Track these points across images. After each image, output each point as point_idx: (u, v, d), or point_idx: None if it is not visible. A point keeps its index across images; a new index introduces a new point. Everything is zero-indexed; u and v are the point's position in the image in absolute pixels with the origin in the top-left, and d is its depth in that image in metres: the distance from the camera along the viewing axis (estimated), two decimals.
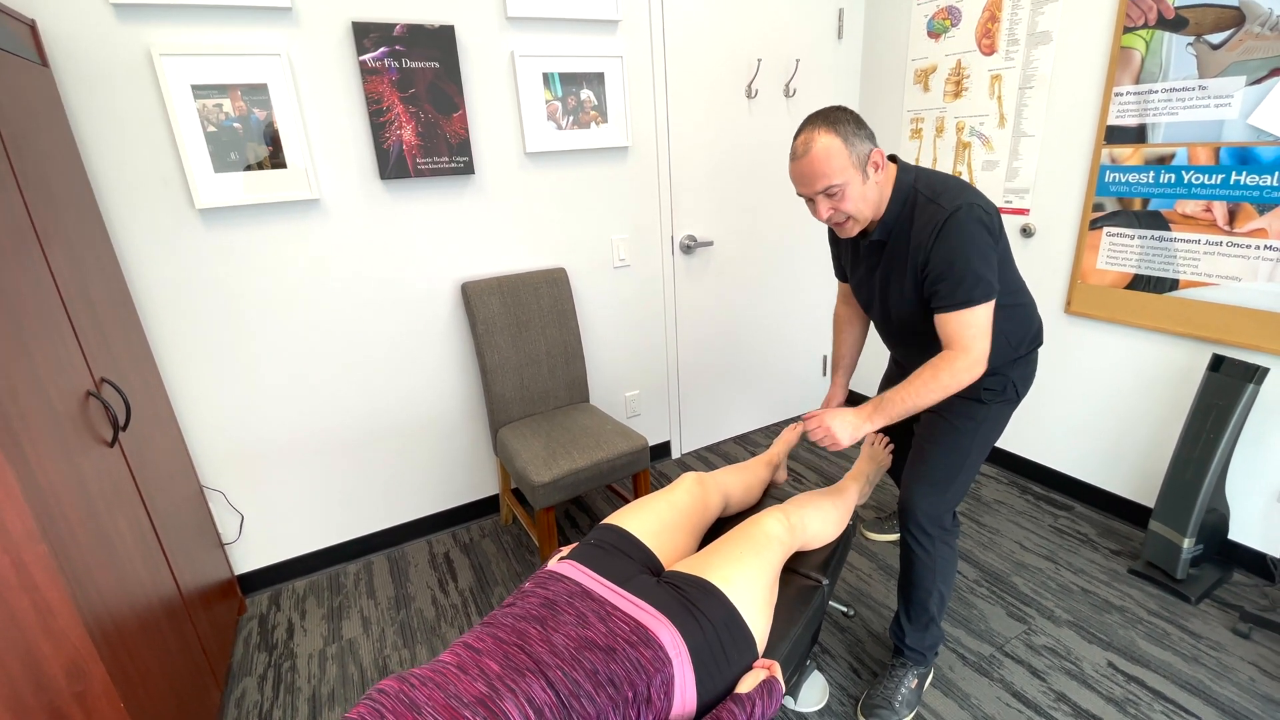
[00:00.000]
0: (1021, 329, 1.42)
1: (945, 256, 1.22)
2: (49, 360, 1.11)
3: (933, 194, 1.25)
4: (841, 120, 1.22)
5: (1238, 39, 1.64)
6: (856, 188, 1.25)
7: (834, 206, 1.27)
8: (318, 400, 2.00)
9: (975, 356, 1.23)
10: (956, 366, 1.23)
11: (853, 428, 1.29)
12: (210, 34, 1.61)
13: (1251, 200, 1.68)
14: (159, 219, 1.67)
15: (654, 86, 2.26)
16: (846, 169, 1.22)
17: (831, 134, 1.21)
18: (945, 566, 1.46)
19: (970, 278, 1.21)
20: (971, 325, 1.23)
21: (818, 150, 1.21)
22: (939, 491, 1.43)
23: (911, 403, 1.25)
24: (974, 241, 1.21)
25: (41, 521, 0.97)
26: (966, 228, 1.21)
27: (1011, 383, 1.43)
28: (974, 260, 1.21)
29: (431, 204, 1.99)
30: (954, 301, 1.23)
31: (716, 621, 1.04)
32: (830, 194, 1.25)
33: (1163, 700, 1.49)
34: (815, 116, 1.25)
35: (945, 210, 1.22)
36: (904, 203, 1.29)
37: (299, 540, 2.10)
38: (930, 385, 1.24)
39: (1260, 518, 1.83)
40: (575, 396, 2.28)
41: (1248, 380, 1.66)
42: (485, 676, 0.86)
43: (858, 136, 1.22)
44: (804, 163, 1.24)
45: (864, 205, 1.28)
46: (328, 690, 1.66)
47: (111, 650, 1.09)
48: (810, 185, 1.26)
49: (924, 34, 2.41)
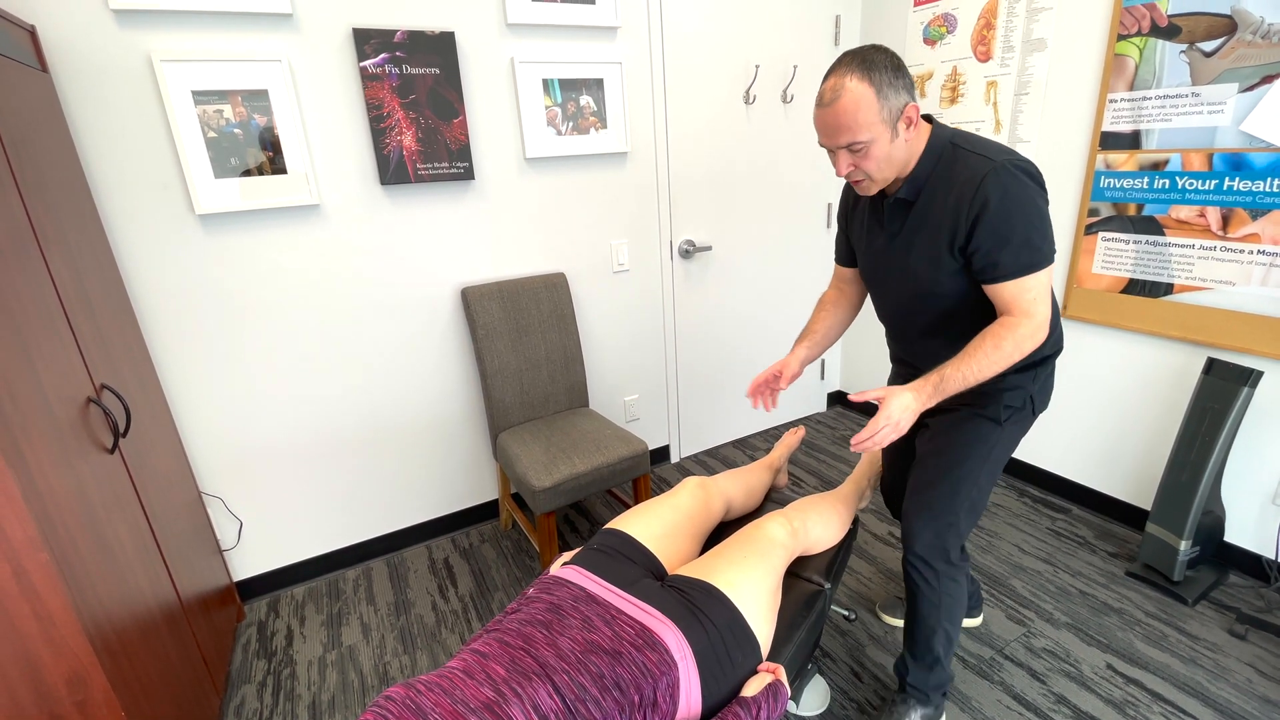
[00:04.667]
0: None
1: (1001, 215, 1.08)
2: (50, 366, 1.11)
3: (975, 146, 1.13)
4: (878, 65, 1.07)
5: (1230, 46, 1.66)
6: (883, 146, 1.11)
7: (855, 163, 1.14)
8: (317, 406, 1.99)
9: (1039, 321, 1.11)
10: (1020, 333, 1.10)
11: (913, 410, 1.11)
12: (211, 40, 1.61)
13: (1244, 206, 1.70)
14: (159, 224, 1.67)
15: (653, 92, 2.27)
16: (875, 124, 1.08)
17: (865, 81, 1.06)
18: (951, 603, 1.34)
19: (1035, 238, 1.08)
20: (1033, 289, 1.11)
21: (846, 100, 1.07)
22: (945, 522, 1.29)
23: (974, 377, 1.11)
24: (1032, 196, 1.09)
25: (43, 529, 0.97)
26: (1022, 179, 1.08)
27: (1030, 396, 1.29)
28: (1034, 218, 1.08)
29: (432, 209, 1.99)
30: (1017, 267, 1.10)
31: (720, 625, 1.04)
32: (854, 149, 1.12)
33: (1161, 702, 1.50)
34: (850, 57, 1.10)
35: (994, 162, 1.09)
36: (938, 157, 1.16)
37: (298, 546, 2.09)
38: (993, 356, 1.11)
39: (1256, 520, 1.84)
40: (575, 401, 2.28)
41: (1242, 383, 1.68)
42: (491, 682, 0.86)
43: (894, 87, 1.08)
44: (829, 112, 1.10)
45: (888, 166, 1.15)
46: (327, 697, 1.66)
47: (112, 658, 1.09)
48: (833, 137, 1.12)
49: (920, 41, 2.43)
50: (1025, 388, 1.28)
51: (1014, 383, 1.27)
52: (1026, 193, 1.08)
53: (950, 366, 1.12)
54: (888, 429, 1.10)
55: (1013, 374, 1.25)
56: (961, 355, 1.12)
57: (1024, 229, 1.08)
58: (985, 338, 1.12)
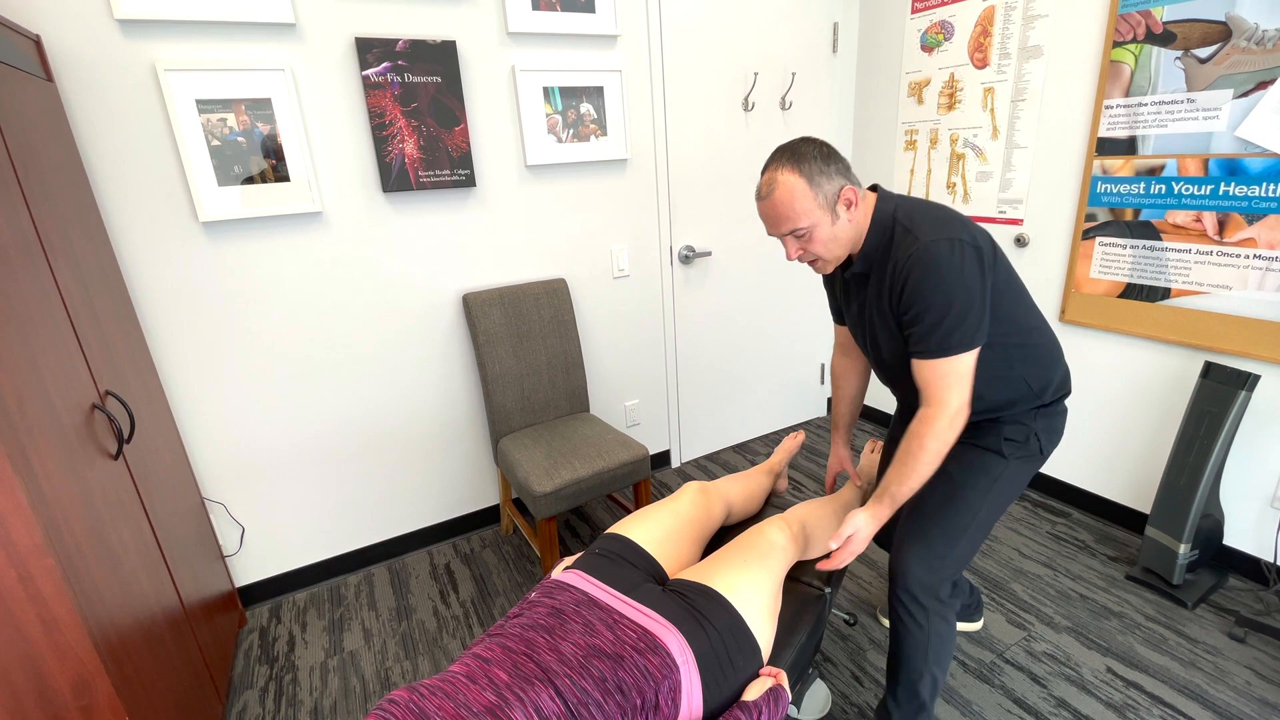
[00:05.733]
0: (1043, 372, 1.26)
1: (917, 295, 1.10)
2: (55, 373, 1.12)
3: (910, 224, 1.14)
4: (807, 157, 1.13)
5: (1225, 53, 1.68)
6: (825, 229, 1.16)
7: (802, 247, 1.19)
8: (319, 412, 2.00)
9: (953, 410, 1.12)
10: (938, 427, 1.13)
11: (871, 530, 1.20)
12: (215, 49, 1.63)
13: (1240, 210, 1.71)
14: (162, 232, 1.68)
15: (652, 100, 2.29)
16: (812, 211, 1.14)
17: (795, 173, 1.12)
18: (940, 644, 1.28)
19: (947, 323, 1.09)
20: (947, 374, 1.12)
21: (780, 192, 1.14)
22: (937, 556, 1.25)
23: (915, 481, 1.16)
24: (953, 279, 1.08)
25: (48, 534, 0.98)
26: (943, 262, 1.08)
27: (1035, 434, 1.27)
28: (953, 302, 1.08)
29: (433, 216, 2.01)
30: (927, 348, 1.12)
31: (721, 628, 1.05)
32: (798, 235, 1.17)
33: (1161, 705, 1.50)
34: (780, 153, 1.16)
35: (919, 242, 1.10)
36: (881, 234, 1.19)
37: (299, 552, 2.10)
38: (923, 459, 1.14)
39: (1254, 523, 1.85)
40: (576, 406, 2.28)
41: (1239, 387, 1.69)
42: (494, 686, 0.87)
43: (825, 174, 1.13)
44: (767, 205, 1.17)
45: (834, 246, 1.19)
46: (329, 703, 1.66)
47: (116, 663, 1.09)
48: (777, 227, 1.18)
49: (918, 48, 2.45)
50: (1027, 424, 1.27)
51: (1014, 417, 1.27)
52: (947, 270, 1.08)
53: (895, 483, 1.18)
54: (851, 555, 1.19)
55: (1014, 409, 1.26)
56: (900, 466, 1.17)
57: (937, 313, 1.09)
58: (911, 440, 1.15)
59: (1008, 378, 1.24)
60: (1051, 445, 1.30)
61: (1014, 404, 1.26)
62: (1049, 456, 1.31)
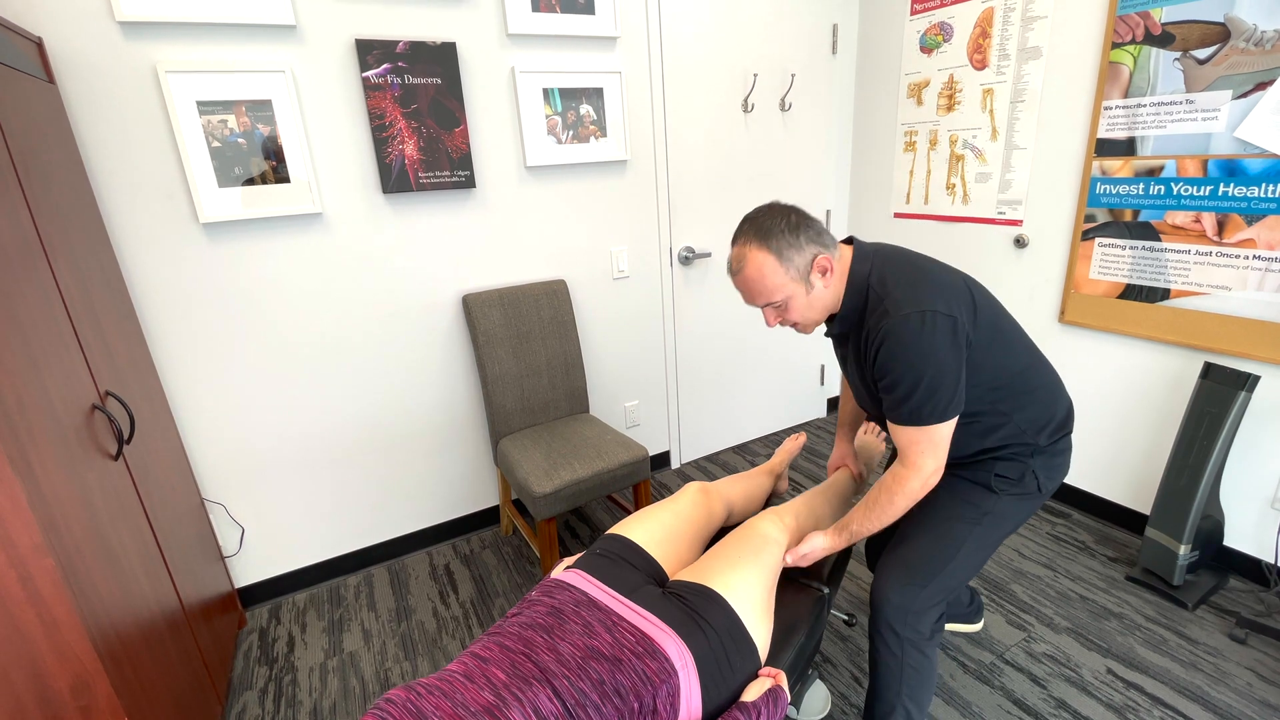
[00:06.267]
0: (1038, 414, 1.22)
1: (887, 368, 1.10)
2: (55, 373, 1.12)
3: (883, 292, 1.12)
4: (773, 232, 1.11)
5: (1223, 54, 1.68)
6: (800, 300, 1.15)
7: (780, 316, 1.20)
8: (319, 413, 2.00)
9: (926, 474, 1.13)
10: (908, 488, 1.14)
11: (825, 551, 1.26)
12: (216, 51, 1.63)
13: (1239, 211, 1.71)
14: (163, 233, 1.68)
15: (652, 101, 2.29)
16: (785, 285, 1.13)
17: (763, 250, 1.11)
18: (915, 678, 1.24)
19: (917, 397, 1.08)
20: (920, 442, 1.11)
21: (749, 271, 1.13)
22: (917, 586, 1.21)
23: (876, 526, 1.20)
24: (923, 355, 1.06)
25: (48, 535, 0.98)
26: (912, 337, 1.06)
27: (1032, 472, 1.23)
28: (926, 373, 1.06)
29: (433, 217, 2.01)
30: (899, 416, 1.12)
31: (720, 629, 1.05)
32: (775, 307, 1.18)
33: (1162, 706, 1.50)
34: (746, 227, 1.15)
35: (891, 319, 1.08)
36: (858, 296, 1.17)
37: (299, 553, 2.10)
38: (889, 511, 1.17)
39: (1255, 524, 1.85)
40: (575, 407, 2.29)
41: (1239, 388, 1.69)
42: (492, 685, 0.87)
43: (794, 247, 1.11)
44: (739, 280, 1.17)
45: (811, 313, 1.19)
46: (329, 704, 1.66)
47: (116, 664, 1.09)
48: (751, 300, 1.18)
49: (917, 49, 2.46)
50: (1023, 461, 1.23)
51: (1010, 454, 1.24)
52: (913, 350, 1.06)
53: (856, 522, 1.22)
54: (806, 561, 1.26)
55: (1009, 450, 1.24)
56: (866, 509, 1.20)
57: (907, 387, 1.08)
58: (882, 492, 1.18)
59: (1001, 425, 1.21)
60: (1052, 483, 1.26)
61: (1008, 447, 1.24)
62: (1050, 494, 1.27)
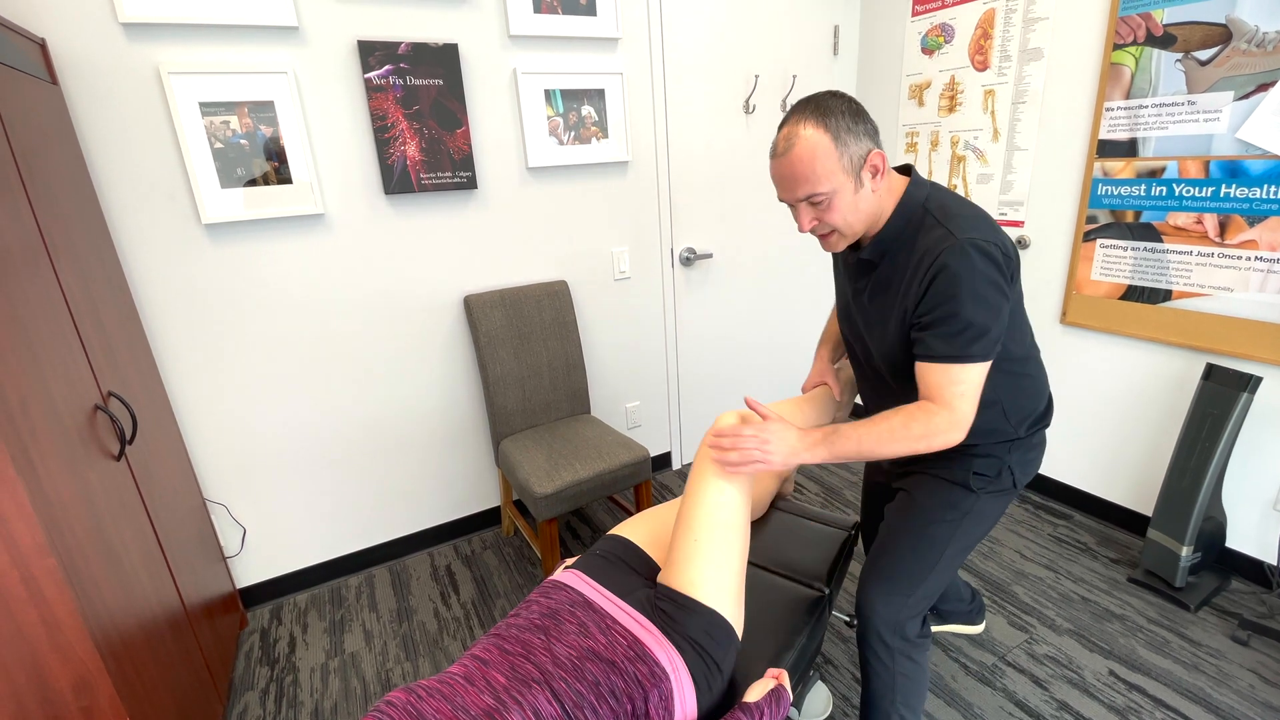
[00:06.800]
0: (1025, 404, 1.19)
1: (946, 295, 1.00)
2: (58, 374, 1.12)
3: (944, 215, 1.04)
4: (834, 110, 1.01)
5: (1225, 55, 1.68)
6: (847, 197, 1.04)
7: (818, 217, 1.06)
8: (320, 413, 2.00)
9: (958, 417, 1.02)
10: (935, 423, 1.02)
11: (789, 452, 1.06)
12: (218, 53, 1.63)
13: (1241, 212, 1.71)
14: (165, 234, 1.68)
15: (653, 102, 2.29)
16: (835, 174, 1.01)
17: (820, 129, 1.00)
18: (908, 685, 1.23)
19: (974, 328, 0.99)
20: (960, 382, 1.02)
21: (801, 149, 1.01)
22: (902, 594, 1.19)
23: (869, 447, 1.04)
24: (985, 284, 0.99)
25: (50, 535, 0.98)
26: (978, 264, 0.98)
27: (1008, 468, 1.19)
28: (981, 307, 0.99)
29: (435, 218, 2.01)
30: (946, 353, 1.01)
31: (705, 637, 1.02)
32: (815, 202, 1.04)
33: (1164, 708, 1.50)
34: (804, 105, 1.03)
35: (955, 239, 0.99)
36: (908, 220, 1.08)
37: (300, 553, 2.10)
38: (897, 434, 1.03)
39: (1257, 525, 1.84)
40: (576, 408, 2.29)
41: (1241, 389, 1.69)
42: (492, 688, 0.87)
43: (853, 133, 1.01)
44: (784, 162, 1.03)
45: (855, 218, 1.07)
46: (330, 704, 1.66)
47: (118, 664, 1.09)
48: (791, 190, 1.05)
49: (918, 50, 2.46)
50: (1000, 457, 1.19)
51: (986, 450, 1.19)
52: (978, 279, 0.99)
53: (851, 426, 1.06)
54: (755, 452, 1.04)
55: (987, 441, 1.18)
56: (869, 420, 1.06)
57: (965, 316, 0.99)
58: (898, 413, 1.05)
59: (988, 406, 1.13)
60: (1025, 477, 1.23)
61: (988, 435, 1.18)
62: (1022, 488, 1.23)
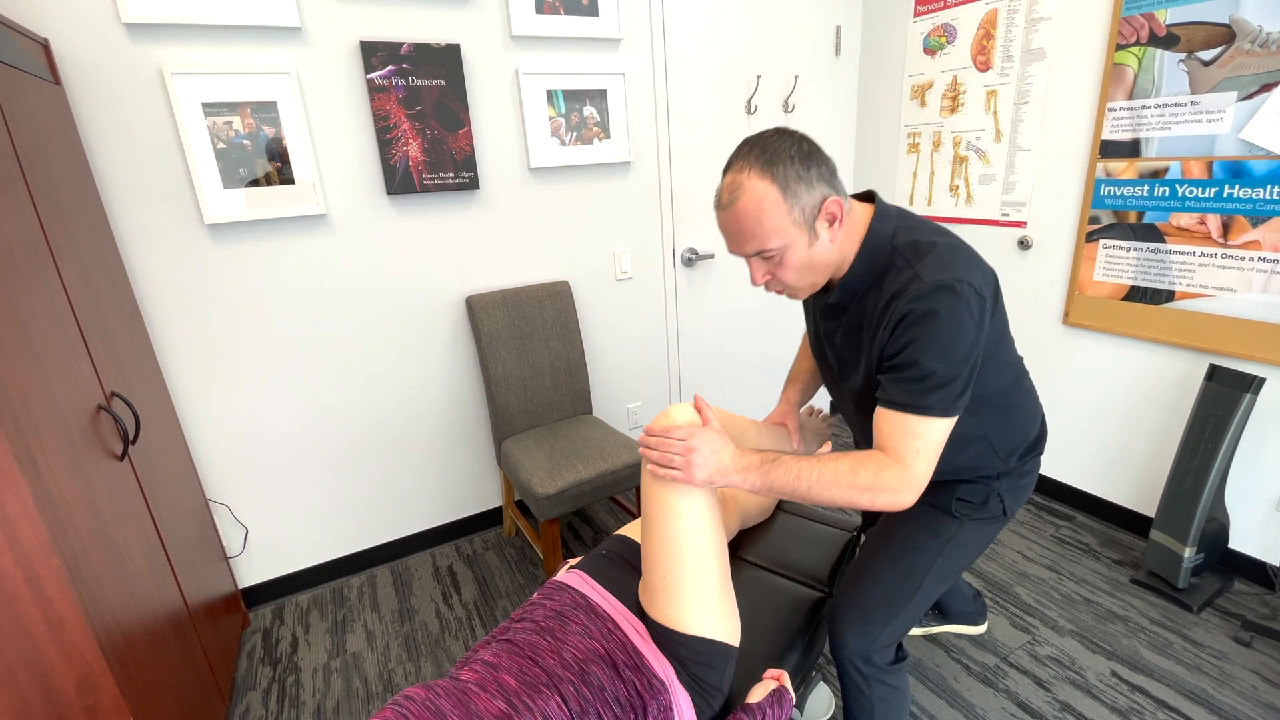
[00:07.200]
0: (1014, 435, 1.12)
1: (908, 341, 0.91)
2: (61, 374, 1.12)
3: (914, 254, 0.94)
4: (782, 156, 0.90)
5: (1228, 55, 1.67)
6: (800, 251, 0.94)
7: (771, 271, 0.97)
8: (322, 413, 2.00)
9: (910, 476, 0.92)
10: (884, 477, 0.92)
11: (716, 469, 0.95)
12: (221, 53, 1.64)
13: (1245, 213, 1.71)
14: (168, 234, 1.69)
15: (655, 103, 2.29)
16: (785, 228, 0.91)
17: (766, 179, 0.89)
18: (886, 709, 1.19)
19: (934, 378, 0.90)
20: (917, 436, 0.92)
21: (746, 203, 0.90)
22: (875, 625, 1.13)
23: (806, 485, 0.93)
24: (951, 331, 0.89)
25: (54, 534, 0.98)
26: (944, 311, 0.89)
27: (997, 495, 1.12)
28: (945, 357, 0.89)
29: (437, 219, 2.01)
30: (902, 401, 0.92)
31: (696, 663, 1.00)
32: (766, 257, 0.95)
33: (1166, 709, 1.50)
34: (749, 148, 0.92)
35: (924, 285, 0.90)
36: (875, 259, 0.98)
37: (302, 553, 2.10)
38: (842, 479, 0.92)
39: (1259, 526, 1.84)
40: (578, 408, 2.29)
41: (1244, 390, 1.68)
42: (503, 693, 0.88)
43: (804, 181, 0.90)
44: (728, 217, 0.93)
45: (809, 273, 0.97)
46: (332, 704, 1.66)
47: (121, 664, 1.09)
48: (739, 245, 0.95)
49: (920, 51, 2.46)
50: (990, 485, 1.12)
51: (973, 476, 1.13)
52: (943, 326, 0.89)
53: (793, 458, 0.97)
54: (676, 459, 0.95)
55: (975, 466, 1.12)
56: (816, 459, 0.96)
57: (927, 365, 0.90)
58: (849, 456, 0.95)
59: (973, 441, 1.08)
60: (1016, 505, 1.17)
61: (974, 470, 1.13)
62: (1014, 515, 1.17)
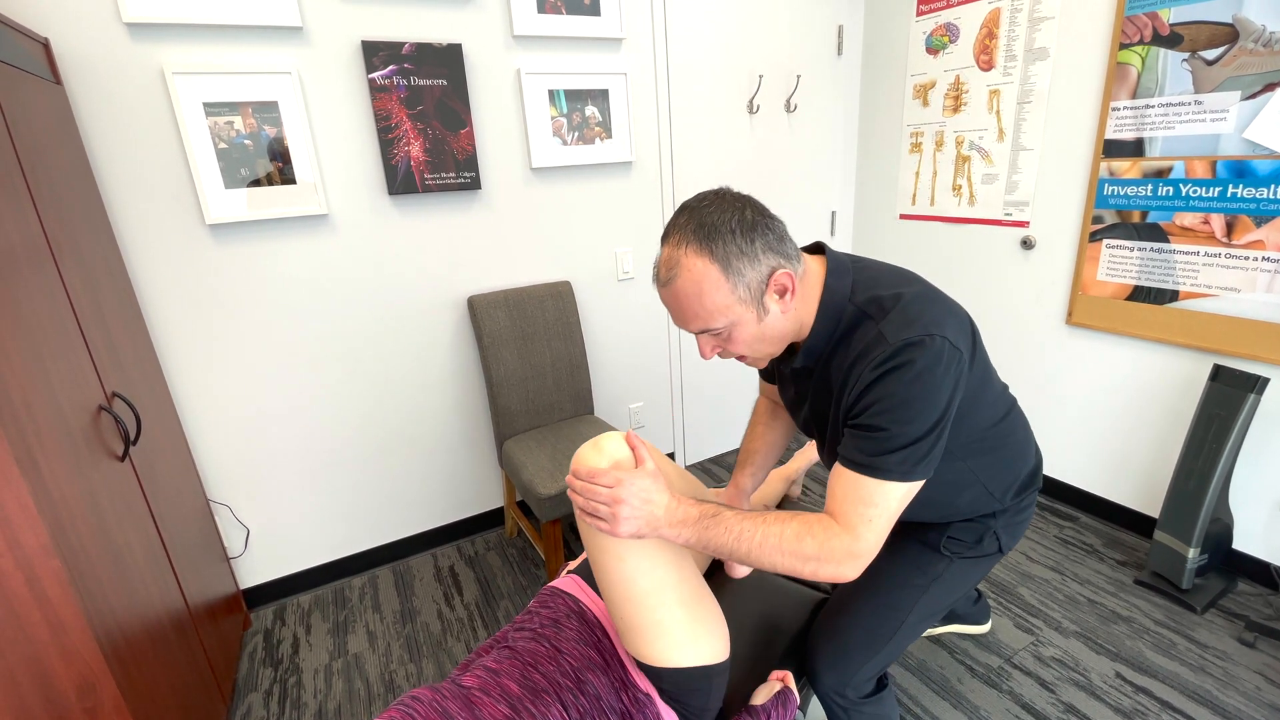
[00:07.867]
0: (1008, 473, 1.07)
1: (874, 407, 0.85)
2: (63, 374, 1.12)
3: (877, 310, 0.87)
4: (721, 231, 0.82)
5: (1232, 55, 1.67)
6: (749, 328, 0.87)
7: (720, 347, 0.91)
8: (324, 414, 2.00)
9: (859, 548, 0.85)
10: (831, 546, 0.84)
11: (646, 522, 0.85)
12: (222, 53, 1.63)
13: (1248, 212, 1.70)
14: (169, 234, 1.68)
15: (657, 102, 2.29)
16: (731, 307, 0.84)
17: (704, 256, 0.82)
18: None
19: (896, 441, 0.83)
20: (871, 504, 0.85)
21: (684, 283, 0.83)
22: (854, 663, 1.08)
23: (746, 547, 0.85)
24: (921, 395, 0.83)
25: (55, 536, 0.98)
26: (912, 373, 0.82)
27: (993, 533, 1.09)
28: (911, 423, 0.83)
29: (439, 219, 2.01)
30: (857, 460, 0.86)
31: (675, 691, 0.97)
32: (714, 333, 0.89)
33: (1170, 710, 1.49)
34: (686, 217, 0.84)
35: (889, 346, 0.83)
36: (835, 320, 0.91)
37: (304, 554, 2.10)
38: (786, 545, 0.84)
39: (1263, 527, 1.83)
40: (580, 409, 2.28)
41: (1248, 390, 1.68)
42: (507, 699, 0.88)
43: (747, 256, 0.82)
44: (668, 295, 0.86)
45: (764, 344, 0.91)
46: (334, 705, 1.65)
47: (122, 666, 1.09)
48: (682, 323, 0.89)
49: (923, 50, 2.45)
50: (985, 524, 1.08)
51: (969, 515, 1.09)
52: (909, 388, 0.83)
53: (736, 514, 0.87)
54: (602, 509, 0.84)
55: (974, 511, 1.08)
56: (762, 515, 0.88)
57: (888, 432, 0.84)
58: (798, 519, 0.87)
59: (967, 487, 1.05)
60: (1014, 541, 1.12)
61: (972, 512, 1.09)
62: (1009, 551, 1.12)
